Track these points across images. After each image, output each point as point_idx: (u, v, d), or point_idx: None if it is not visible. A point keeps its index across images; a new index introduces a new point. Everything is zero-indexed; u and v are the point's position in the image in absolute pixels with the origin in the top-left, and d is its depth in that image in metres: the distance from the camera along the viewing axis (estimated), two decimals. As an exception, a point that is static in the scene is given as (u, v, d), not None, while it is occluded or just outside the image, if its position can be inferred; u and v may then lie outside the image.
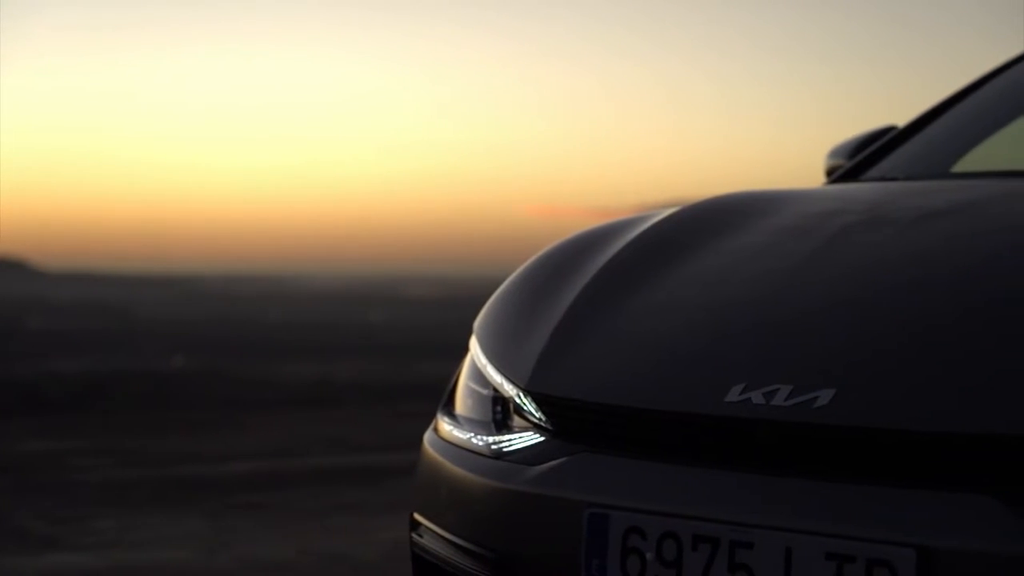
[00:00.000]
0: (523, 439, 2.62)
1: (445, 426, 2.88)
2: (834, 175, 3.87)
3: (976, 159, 3.79)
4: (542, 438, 2.59)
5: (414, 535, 2.87)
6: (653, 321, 2.66)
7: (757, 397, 2.30)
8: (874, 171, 3.74)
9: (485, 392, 2.80)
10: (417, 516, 2.86)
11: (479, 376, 2.84)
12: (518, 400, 2.66)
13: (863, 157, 3.84)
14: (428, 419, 3.02)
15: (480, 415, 2.79)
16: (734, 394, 2.33)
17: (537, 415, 2.61)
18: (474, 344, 2.93)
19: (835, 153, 3.98)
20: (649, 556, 2.28)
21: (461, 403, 2.90)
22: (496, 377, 2.75)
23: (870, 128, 4.05)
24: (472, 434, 2.75)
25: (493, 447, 2.66)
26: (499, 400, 2.75)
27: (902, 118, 4.00)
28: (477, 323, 2.99)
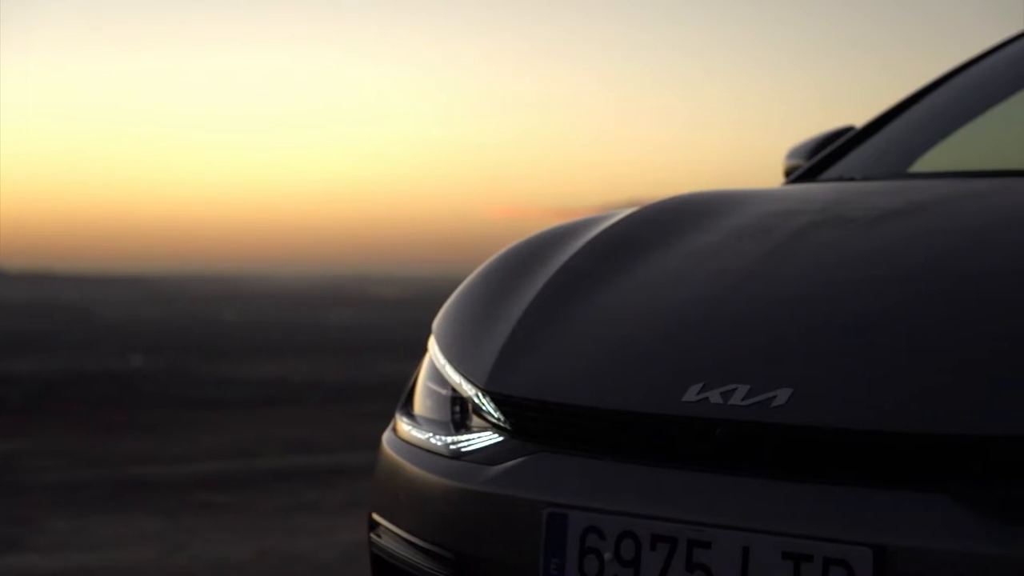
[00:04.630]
0: (482, 439, 2.62)
1: (404, 426, 2.87)
2: (793, 175, 3.88)
3: (933, 159, 3.81)
4: (500, 438, 2.59)
5: (373, 535, 2.86)
6: (611, 321, 2.66)
7: (715, 397, 2.31)
8: (832, 171, 3.76)
9: (444, 392, 2.79)
10: (376, 516, 2.86)
11: (438, 376, 2.84)
12: (476, 400, 2.66)
13: (821, 157, 3.86)
14: (388, 419, 3.02)
15: (439, 415, 2.79)
16: (692, 394, 2.33)
17: (496, 415, 2.61)
18: (432, 344, 2.93)
19: (794, 153, 4.00)
20: (607, 556, 2.28)
21: (420, 403, 2.90)
22: (455, 377, 2.75)
23: (829, 128, 4.07)
24: (431, 434, 2.75)
25: (452, 447, 2.66)
26: (458, 400, 2.74)
27: (860, 118, 4.01)
28: (436, 323, 2.98)
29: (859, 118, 4.07)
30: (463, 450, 2.63)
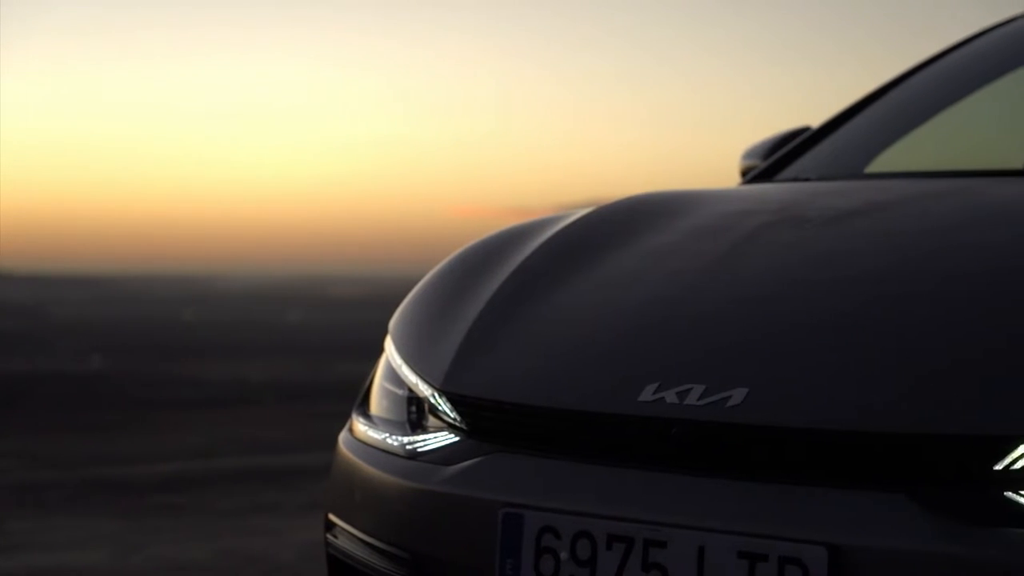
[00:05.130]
0: (438, 439, 2.62)
1: (360, 426, 2.87)
2: (748, 175, 3.89)
3: (889, 159, 3.82)
4: (457, 438, 2.59)
5: (329, 536, 2.86)
6: (567, 321, 2.67)
7: (671, 396, 2.31)
8: (788, 171, 3.77)
9: (400, 392, 2.79)
10: (332, 517, 2.85)
11: (394, 376, 2.83)
12: (433, 400, 2.66)
13: (777, 158, 3.87)
14: (346, 419, 3.01)
15: (395, 415, 2.79)
16: (648, 393, 2.34)
17: (452, 415, 2.61)
18: (389, 344, 2.92)
19: (750, 154, 4.00)
20: (563, 555, 2.28)
21: (376, 403, 2.89)
22: (411, 377, 2.74)
23: (785, 129, 4.08)
24: (387, 434, 2.75)
25: (408, 447, 2.66)
26: (414, 400, 2.74)
27: (816, 119, 4.03)
28: (392, 323, 2.98)
29: (815, 118, 4.09)
30: (419, 450, 2.63)
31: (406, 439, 2.68)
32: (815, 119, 4.05)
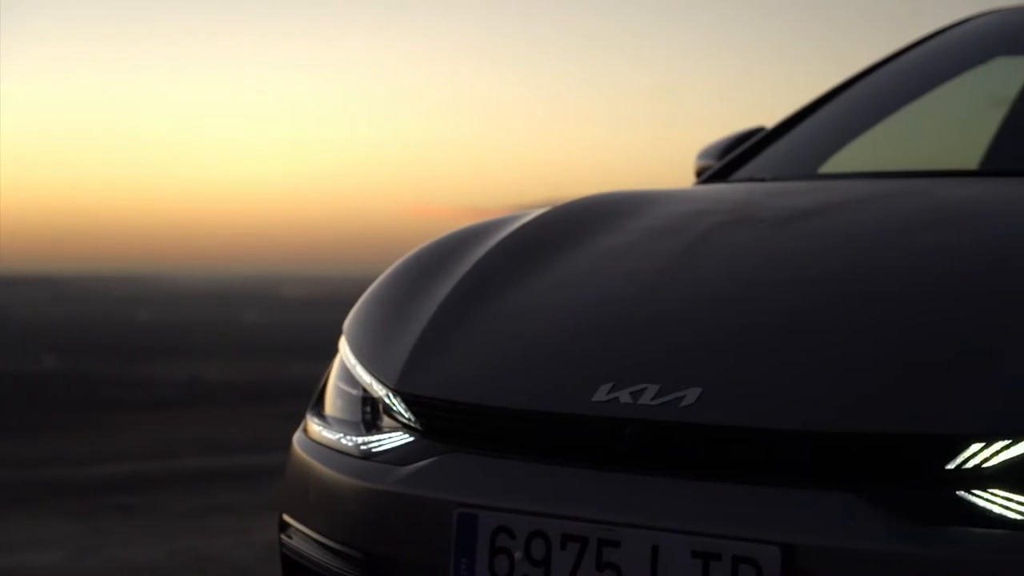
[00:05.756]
0: (392, 439, 2.61)
1: (314, 427, 2.86)
2: (703, 176, 3.89)
3: (843, 160, 3.84)
4: (411, 438, 2.58)
5: (283, 536, 2.85)
6: (522, 321, 2.67)
7: (625, 396, 2.31)
8: (743, 172, 3.77)
9: (354, 392, 2.79)
10: (286, 517, 2.85)
11: (348, 376, 2.83)
12: (387, 400, 2.65)
13: (732, 158, 3.87)
14: (301, 419, 3.01)
15: (349, 415, 2.78)
16: (602, 393, 2.34)
17: (406, 415, 2.61)
18: (343, 344, 2.92)
19: (705, 154, 4.01)
20: (518, 555, 2.29)
21: (330, 404, 2.89)
22: (365, 377, 2.74)
23: (740, 129, 4.08)
24: (341, 435, 2.74)
25: (362, 447, 2.65)
26: (368, 400, 2.74)
27: (771, 119, 4.04)
28: (347, 323, 2.97)
29: (770, 118, 4.10)
30: (374, 450, 2.62)
31: (360, 439, 2.68)
32: (770, 119, 4.06)
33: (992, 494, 2.07)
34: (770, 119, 4.06)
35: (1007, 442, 2.07)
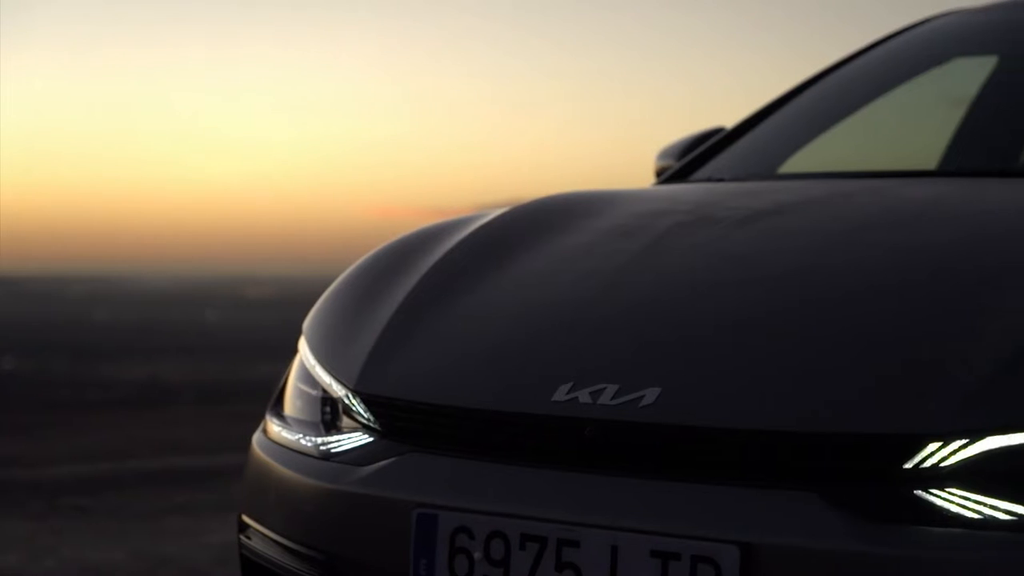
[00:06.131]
0: (352, 440, 2.61)
1: (274, 427, 2.86)
2: (663, 176, 3.90)
3: (802, 160, 3.85)
4: (371, 439, 2.58)
5: (242, 537, 2.84)
6: (481, 321, 2.67)
7: (584, 396, 2.32)
8: (702, 172, 3.78)
9: (314, 393, 2.78)
10: (245, 518, 2.84)
11: (308, 377, 2.82)
12: (347, 401, 2.65)
13: (692, 158, 3.88)
14: (261, 420, 3.00)
15: (309, 416, 2.77)
16: (561, 393, 2.34)
17: (366, 415, 2.60)
18: (303, 345, 2.91)
19: (664, 154, 4.02)
20: (477, 556, 2.28)
21: (290, 404, 2.88)
22: (325, 378, 2.73)
23: (700, 129, 4.09)
24: (301, 435, 2.73)
25: (322, 448, 2.65)
26: (328, 401, 2.73)
27: (731, 119, 4.05)
28: (306, 324, 2.97)
29: (730, 119, 4.11)
30: (333, 451, 2.62)
31: (320, 440, 2.67)
32: (730, 119, 4.07)
33: (950, 493, 2.08)
34: (730, 119, 4.07)
35: (964, 441, 2.08)
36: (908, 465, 2.10)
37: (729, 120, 4.06)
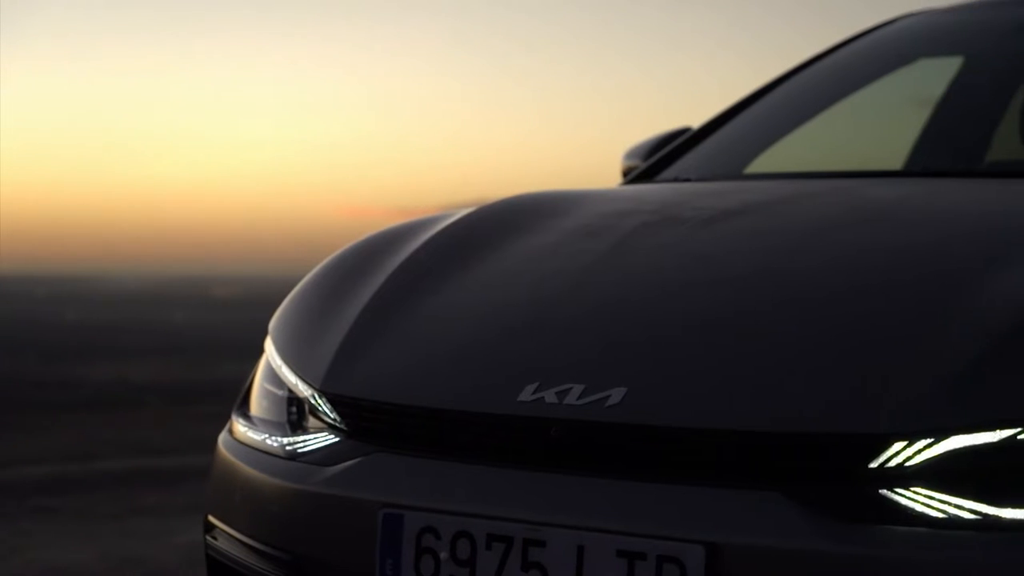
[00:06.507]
0: (318, 440, 2.60)
1: (240, 427, 2.85)
2: (630, 176, 3.91)
3: (768, 160, 3.86)
4: (337, 439, 2.58)
5: (208, 537, 2.84)
6: (447, 321, 2.66)
7: (550, 396, 2.32)
8: (669, 172, 3.79)
9: (280, 393, 2.77)
10: (211, 518, 2.83)
11: (274, 377, 2.82)
12: (313, 401, 2.64)
13: (658, 158, 3.89)
14: (228, 420, 2.99)
15: (275, 416, 2.77)
16: (527, 393, 2.34)
17: (332, 416, 2.60)
18: (269, 345, 2.90)
19: (631, 154, 4.02)
20: (443, 556, 2.28)
21: (256, 404, 2.87)
22: (291, 378, 2.73)
23: (666, 129, 4.10)
24: (267, 435, 2.73)
25: (288, 448, 2.64)
26: (294, 401, 2.73)
27: (697, 119, 4.06)
28: (272, 324, 2.96)
29: (696, 119, 4.11)
30: (299, 451, 2.61)
31: (286, 440, 2.67)
32: (696, 119, 4.08)
33: (914, 492, 2.08)
34: (696, 119, 4.08)
35: (929, 441, 2.09)
36: (873, 465, 2.10)
37: (696, 120, 4.07)
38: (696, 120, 4.05)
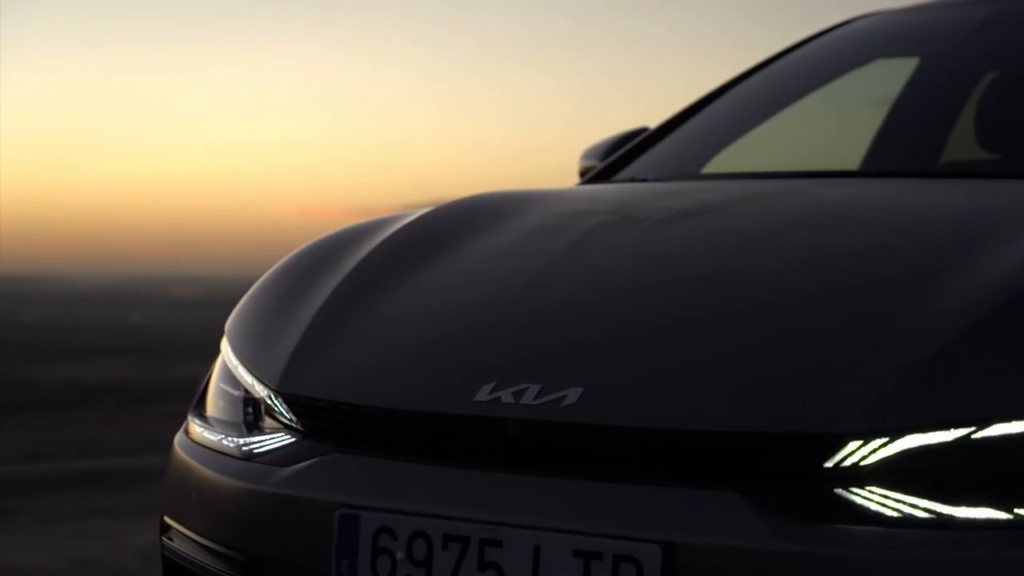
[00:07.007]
0: (274, 440, 2.60)
1: (196, 428, 2.84)
2: (587, 176, 3.91)
3: (726, 160, 3.86)
4: (293, 439, 2.57)
5: (164, 538, 2.83)
6: (404, 321, 2.66)
7: (507, 396, 2.31)
8: (626, 172, 3.79)
9: (236, 393, 2.76)
10: (167, 519, 2.82)
11: (230, 377, 2.81)
12: (269, 401, 2.64)
13: (615, 158, 3.89)
14: (184, 421, 2.98)
15: (231, 416, 2.76)
16: (484, 393, 2.34)
17: (288, 416, 2.59)
18: (225, 345, 2.89)
19: (588, 154, 4.02)
20: (399, 556, 2.28)
21: (212, 404, 2.86)
22: (247, 378, 2.72)
23: (624, 129, 4.10)
24: (223, 436, 2.72)
25: (244, 448, 2.63)
26: (250, 401, 2.72)
27: (654, 120, 4.06)
28: (228, 324, 2.95)
29: (653, 119, 4.12)
30: (255, 451, 2.60)
31: (242, 440, 2.66)
32: (653, 120, 4.08)
33: (870, 491, 2.09)
34: (653, 120, 4.08)
35: (884, 440, 2.09)
36: (828, 464, 2.11)
37: (655, 120, 4.07)
38: (655, 120, 4.06)
